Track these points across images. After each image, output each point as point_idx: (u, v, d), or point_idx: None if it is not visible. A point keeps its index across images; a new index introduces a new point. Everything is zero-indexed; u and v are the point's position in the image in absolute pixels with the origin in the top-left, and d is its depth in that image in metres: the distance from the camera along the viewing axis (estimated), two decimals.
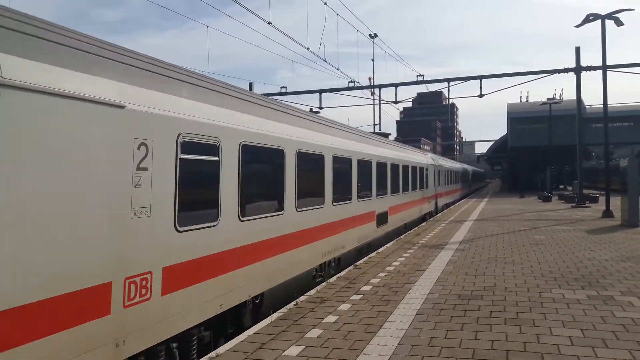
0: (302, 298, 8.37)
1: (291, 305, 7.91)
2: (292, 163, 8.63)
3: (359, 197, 12.92)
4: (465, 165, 62.44)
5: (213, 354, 5.77)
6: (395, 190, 17.19)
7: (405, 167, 19.03)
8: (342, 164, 11.54)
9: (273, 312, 7.73)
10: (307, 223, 9.35)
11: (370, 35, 46.41)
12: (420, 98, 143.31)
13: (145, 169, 5.06)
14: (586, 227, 18.86)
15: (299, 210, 8.92)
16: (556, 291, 8.51)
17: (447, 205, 33.36)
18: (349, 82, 32.94)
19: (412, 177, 20.52)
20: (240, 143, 6.92)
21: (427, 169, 24.53)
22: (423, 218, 23.67)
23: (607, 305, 7.54)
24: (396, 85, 32.75)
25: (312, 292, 8.84)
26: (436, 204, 28.06)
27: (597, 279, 9.44)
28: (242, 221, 6.97)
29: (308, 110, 17.08)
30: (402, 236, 17.16)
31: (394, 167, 17.05)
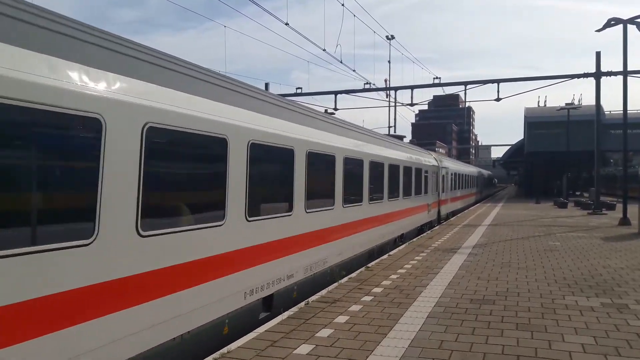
0: (314, 298, 8.41)
1: (302, 304, 7.96)
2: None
3: (308, 208, 9.17)
4: (481, 169, 60.84)
5: (224, 350, 5.83)
6: (377, 195, 13.59)
7: (394, 168, 15.51)
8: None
9: (284, 311, 7.78)
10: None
11: (387, 37, 46.35)
12: (436, 101, 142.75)
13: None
14: (602, 234, 18.61)
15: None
16: (569, 298, 8.43)
17: (453, 213, 29.96)
18: (364, 83, 32.91)
19: (405, 180, 16.99)
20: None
21: (426, 171, 20.97)
22: (420, 230, 20.31)
23: (621, 313, 7.45)
24: (412, 87, 32.64)
25: (323, 292, 8.87)
26: (439, 212, 24.64)
27: (611, 286, 9.33)
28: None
29: (323, 111, 17.04)
30: (414, 239, 17.11)
31: (375, 166, 13.33)
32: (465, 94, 31.73)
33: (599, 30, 24.63)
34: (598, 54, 28.83)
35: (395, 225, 15.86)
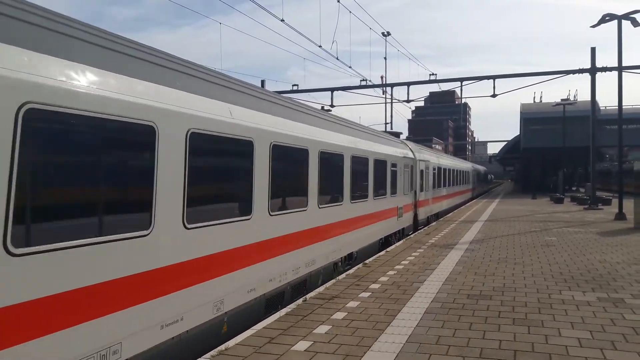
0: (311, 294, 8.42)
1: (300, 301, 7.97)
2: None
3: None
4: (475, 165, 56.86)
5: (222, 347, 5.84)
6: (293, 202, 8.69)
7: (334, 159, 10.55)
8: None
9: (282, 308, 7.79)
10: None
11: (383, 33, 46.32)
12: (432, 97, 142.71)
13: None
14: (598, 229, 18.70)
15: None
16: (566, 293, 8.47)
17: (438, 215, 25.25)
18: (361, 80, 32.95)
19: (357, 177, 12.06)
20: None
21: (394, 164, 15.83)
22: (386, 242, 15.30)
23: (617, 307, 7.50)
24: (408, 84, 32.65)
25: (321, 289, 8.89)
26: (415, 216, 19.53)
27: (607, 281, 9.38)
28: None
29: (320, 108, 16.83)
30: (411, 235, 17.15)
31: (287, 154, 8.44)
32: (461, 90, 31.75)
33: (594, 26, 24.72)
34: (593, 50, 28.93)
35: (335, 244, 10.68)
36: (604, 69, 27.82)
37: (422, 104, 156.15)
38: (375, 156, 13.61)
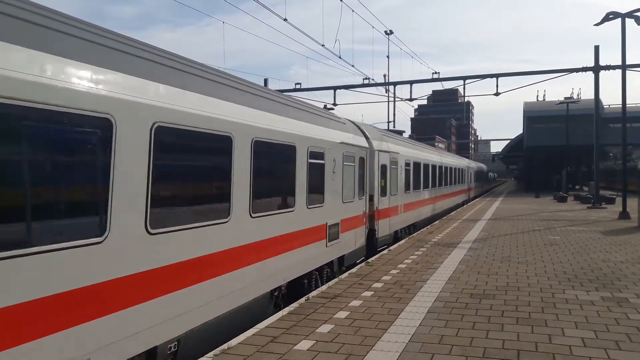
0: (314, 293, 8.41)
1: (303, 300, 7.96)
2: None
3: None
4: (472, 162, 45.72)
5: (225, 346, 5.84)
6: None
7: (203, 146, 6.61)
8: None
9: (284, 307, 7.77)
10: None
11: (386, 32, 46.21)
12: (435, 95, 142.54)
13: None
14: (602, 228, 18.63)
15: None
16: (569, 292, 8.44)
17: (417, 226, 19.56)
18: (363, 79, 32.85)
19: (299, 178, 8.75)
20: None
21: (320, 157, 9.69)
22: (305, 284, 9.35)
23: (621, 307, 7.46)
24: (411, 82, 32.57)
25: (324, 287, 8.88)
26: (372, 233, 13.69)
27: (611, 280, 9.34)
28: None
29: (322, 106, 16.36)
30: (414, 234, 17.12)
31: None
32: (464, 88, 31.73)
33: (597, 24, 24.58)
34: (597, 48, 28.78)
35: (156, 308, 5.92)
36: (608, 67, 27.67)
37: (425, 102, 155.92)
38: (286, 140, 8.44)
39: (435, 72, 31.69)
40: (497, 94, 29.91)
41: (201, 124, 5.95)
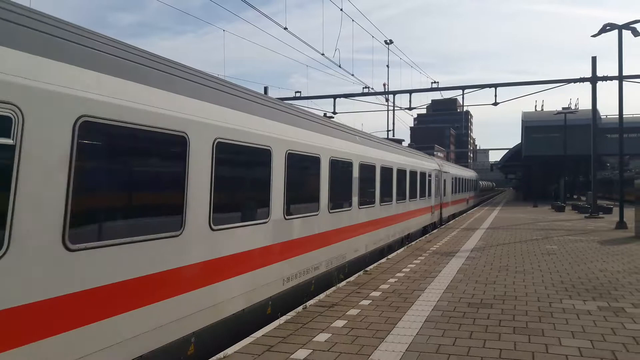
0: (311, 302, 8.41)
1: (300, 308, 7.96)
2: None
3: None
4: (444, 164, 28.92)
5: (221, 354, 5.83)
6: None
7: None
8: None
9: (282, 315, 7.77)
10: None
11: (385, 41, 46.47)
12: (434, 105, 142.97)
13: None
14: (599, 238, 18.66)
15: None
16: (566, 301, 8.45)
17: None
18: (363, 87, 33.05)
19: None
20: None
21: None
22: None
23: (618, 317, 7.48)
24: (410, 91, 32.75)
25: (321, 296, 8.87)
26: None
27: (608, 290, 9.36)
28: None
29: (322, 115, 17.23)
30: (412, 243, 17.12)
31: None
32: (463, 98, 31.84)
33: (594, 36, 24.79)
34: (594, 59, 29.00)
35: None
36: (605, 78, 27.89)
37: (424, 111, 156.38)
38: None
39: (435, 82, 31.90)
40: (495, 103, 30.08)
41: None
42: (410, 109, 33.25)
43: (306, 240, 9.24)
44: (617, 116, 23.82)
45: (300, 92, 33.22)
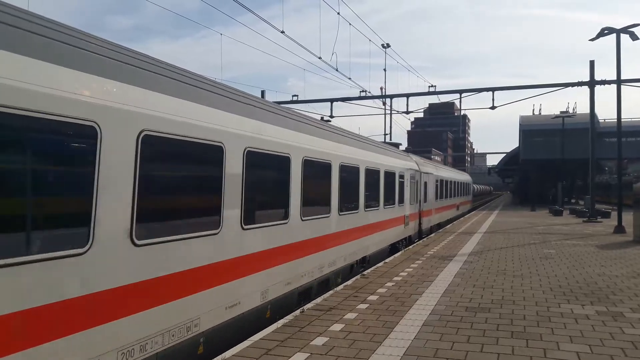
0: (309, 306, 8.38)
1: (297, 312, 7.93)
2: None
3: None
4: (416, 160, 21.27)
5: (219, 358, 5.80)
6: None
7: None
8: None
9: (279, 319, 7.73)
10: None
11: (382, 45, 46.57)
12: (431, 109, 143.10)
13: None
14: (597, 242, 18.66)
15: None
16: (565, 306, 8.43)
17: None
18: (360, 91, 33.09)
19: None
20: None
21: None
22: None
23: (617, 321, 7.46)
24: (407, 95, 32.79)
25: (319, 300, 8.84)
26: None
27: (606, 294, 9.34)
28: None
29: (319, 118, 16.82)
30: (410, 247, 17.10)
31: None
32: (460, 101, 31.91)
33: (592, 39, 24.86)
34: (592, 63, 29.09)
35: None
36: (603, 82, 27.96)
37: (421, 115, 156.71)
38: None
39: (432, 86, 31.97)
40: (493, 107, 30.12)
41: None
42: (407, 112, 33.31)
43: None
44: (615, 120, 23.89)
45: (297, 95, 33.23)
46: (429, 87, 31.85)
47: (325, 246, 10.27)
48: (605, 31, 24.10)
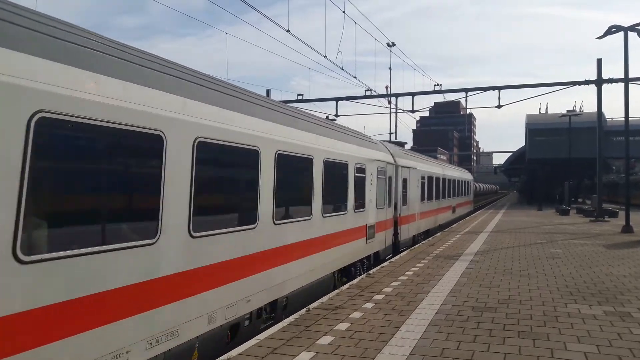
0: (315, 305, 8.38)
1: (303, 311, 7.93)
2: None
3: None
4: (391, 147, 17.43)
5: (225, 356, 5.80)
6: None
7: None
8: None
9: (285, 318, 7.74)
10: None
11: (388, 44, 46.47)
12: (437, 107, 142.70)
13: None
14: (604, 241, 18.55)
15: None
16: (572, 306, 8.38)
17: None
18: (365, 90, 33.00)
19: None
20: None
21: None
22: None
23: (624, 321, 7.41)
24: (413, 94, 32.69)
25: (325, 299, 8.84)
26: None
27: (614, 294, 9.28)
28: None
29: (325, 117, 16.43)
30: (416, 246, 17.06)
31: None
32: (466, 100, 31.76)
33: (600, 38, 24.68)
34: (599, 62, 28.87)
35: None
36: (610, 81, 27.74)
37: (427, 114, 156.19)
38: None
39: (437, 84, 31.81)
40: (499, 106, 29.96)
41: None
42: (412, 111, 33.19)
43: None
44: (622, 119, 23.73)
45: (302, 94, 33.19)
46: (435, 85, 31.73)
47: (221, 281, 6.47)
48: (613, 29, 23.92)
